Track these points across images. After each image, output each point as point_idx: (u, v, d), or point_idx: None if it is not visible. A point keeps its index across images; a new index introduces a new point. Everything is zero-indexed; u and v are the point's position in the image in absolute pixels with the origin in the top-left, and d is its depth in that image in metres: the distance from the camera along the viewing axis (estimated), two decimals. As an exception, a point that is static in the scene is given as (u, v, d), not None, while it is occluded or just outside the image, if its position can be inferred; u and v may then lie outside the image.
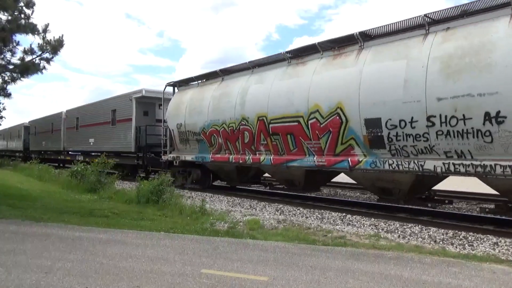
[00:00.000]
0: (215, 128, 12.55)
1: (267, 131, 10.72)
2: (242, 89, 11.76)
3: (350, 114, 8.76)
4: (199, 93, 13.75)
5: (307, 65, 10.22)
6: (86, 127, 22.83)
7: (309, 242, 6.48)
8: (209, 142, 12.96)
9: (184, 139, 14.09)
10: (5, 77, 11.25)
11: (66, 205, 9.93)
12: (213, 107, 12.66)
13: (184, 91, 14.89)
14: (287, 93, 10.23)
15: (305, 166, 10.13)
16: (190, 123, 13.64)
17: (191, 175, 14.47)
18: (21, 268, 4.77)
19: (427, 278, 4.64)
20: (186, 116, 13.77)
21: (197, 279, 4.52)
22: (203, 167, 14.13)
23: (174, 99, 15.08)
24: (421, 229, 7.53)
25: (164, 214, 8.96)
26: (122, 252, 5.64)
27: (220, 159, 12.66)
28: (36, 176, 18.65)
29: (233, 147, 12.10)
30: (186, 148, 14.17)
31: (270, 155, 10.96)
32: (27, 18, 10.37)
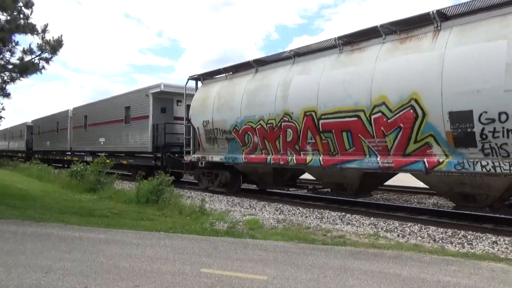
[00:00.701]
0: (250, 126, 11.33)
1: (316, 127, 9.48)
2: (283, 81, 10.50)
3: (428, 107, 7.49)
4: (229, 87, 12.51)
5: (365, 52, 8.96)
6: (96, 126, 21.54)
7: (308, 241, 6.49)
8: (242, 141, 11.78)
9: (211, 138, 12.91)
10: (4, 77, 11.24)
11: (66, 205, 9.93)
12: (247, 102, 11.43)
13: (210, 84, 13.62)
14: (342, 83, 8.94)
15: (364, 168, 8.84)
16: (218, 120, 12.42)
17: (218, 178, 13.19)
18: (21, 268, 4.77)
19: (426, 276, 4.65)
20: (213, 113, 12.57)
21: (197, 278, 4.53)
22: (233, 169, 12.85)
23: (199, 94, 13.82)
24: (420, 228, 7.54)
25: (163, 214, 8.96)
26: (122, 252, 5.65)
27: (255, 160, 11.47)
28: (36, 176, 18.63)
29: (271, 147, 10.91)
30: (213, 148, 12.99)
31: (318, 156, 9.68)
32: (26, 18, 10.36)
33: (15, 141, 39.82)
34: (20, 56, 10.76)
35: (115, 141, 19.30)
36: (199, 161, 13.50)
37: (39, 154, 30.93)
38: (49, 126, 29.25)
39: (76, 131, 24.29)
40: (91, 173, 13.36)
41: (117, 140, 19.16)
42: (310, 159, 9.89)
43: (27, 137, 34.98)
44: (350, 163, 9.04)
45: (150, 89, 16.69)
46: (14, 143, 40.19)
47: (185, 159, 14.24)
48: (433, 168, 7.61)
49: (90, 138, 22.04)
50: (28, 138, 34.84)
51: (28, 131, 34.96)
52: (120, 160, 18.72)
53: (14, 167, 26.59)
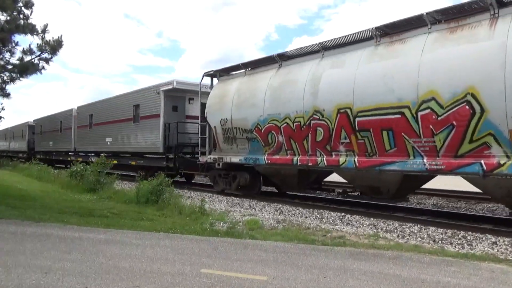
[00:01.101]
0: (274, 124, 10.57)
1: (352, 126, 8.75)
2: (312, 76, 9.74)
3: (488, 102, 6.78)
4: (249, 83, 11.77)
5: (408, 43, 8.25)
6: (102, 125, 20.59)
7: (308, 242, 6.49)
8: (265, 141, 11.00)
9: (229, 138, 12.15)
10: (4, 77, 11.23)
11: (65, 205, 9.93)
12: (270, 99, 10.70)
13: (228, 81, 12.88)
14: (382, 78, 8.25)
15: (408, 170, 8.09)
16: (238, 119, 11.68)
17: (237, 180, 12.38)
18: (21, 268, 4.77)
19: (426, 277, 4.65)
20: (232, 111, 11.83)
21: (197, 278, 4.53)
22: (252, 171, 12.05)
23: (216, 91, 13.02)
24: (420, 229, 7.54)
25: (163, 214, 8.96)
26: (122, 252, 5.64)
27: (279, 161, 10.71)
28: (36, 176, 18.63)
29: (298, 147, 10.14)
30: (231, 148, 12.23)
31: (353, 157, 8.95)
32: (26, 18, 10.35)
33: (16, 141, 38.96)
34: (20, 57, 10.76)
35: (123, 141, 18.52)
36: (215, 162, 12.75)
37: (41, 155, 30.35)
38: (52, 125, 28.47)
39: (81, 131, 23.49)
40: (91, 173, 13.36)
41: (125, 140, 18.37)
42: (343, 160, 9.15)
43: (28, 137, 34.17)
44: (390, 165, 8.29)
45: (162, 86, 15.87)
46: (15, 143, 39.29)
47: (200, 160, 13.57)
48: (492, 170, 6.86)
49: (96, 138, 21.25)
50: (30, 138, 34.02)
51: (30, 131, 34.09)
52: (128, 161, 18.17)
53: (14, 167, 26.56)
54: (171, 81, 15.60)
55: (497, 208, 10.17)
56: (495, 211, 9.94)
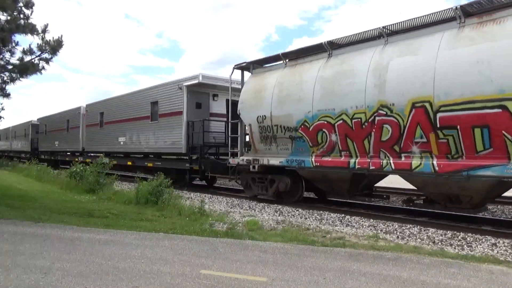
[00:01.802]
0: (326, 121, 9.35)
1: (431, 122, 7.57)
2: (375, 65, 8.56)
3: None
4: (293, 75, 10.53)
5: (504, 23, 7.04)
6: (114, 124, 19.27)
7: (308, 243, 6.49)
8: (313, 141, 9.79)
9: (267, 137, 10.96)
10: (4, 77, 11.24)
11: (65, 205, 9.92)
12: (321, 92, 9.49)
13: (264, 74, 11.67)
14: (475, 65, 7.06)
15: (508, 176, 6.87)
16: (280, 115, 10.50)
17: (274, 185, 11.14)
18: (20, 269, 4.76)
19: (425, 278, 4.65)
20: (272, 107, 10.67)
21: (196, 279, 4.53)
22: (294, 174, 10.80)
23: (250, 85, 11.86)
24: (420, 230, 7.55)
25: (163, 215, 8.96)
26: (121, 253, 5.64)
27: (331, 164, 9.46)
28: (35, 176, 18.62)
29: (357, 147, 8.95)
30: (269, 149, 11.07)
31: (430, 159, 7.73)
32: (26, 18, 10.35)
33: (18, 140, 37.81)
34: (20, 57, 10.76)
35: (138, 141, 17.25)
36: (249, 164, 11.53)
37: (46, 155, 29.40)
38: (57, 124, 27.15)
39: (90, 130, 22.22)
40: (90, 173, 13.35)
41: (140, 140, 17.09)
42: (417, 163, 7.89)
43: (32, 137, 33.10)
44: (483, 170, 7.07)
45: (185, 81, 14.56)
46: (18, 143, 38.11)
47: (230, 162, 12.32)
48: None
49: (107, 138, 20.01)
50: (33, 138, 32.92)
51: (33, 130, 33.02)
52: (143, 163, 17.08)
53: (13, 167, 26.53)
54: (196, 75, 14.32)
55: (496, 210, 10.18)
56: (495, 212, 9.95)
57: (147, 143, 16.58)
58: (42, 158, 29.39)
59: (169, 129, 15.18)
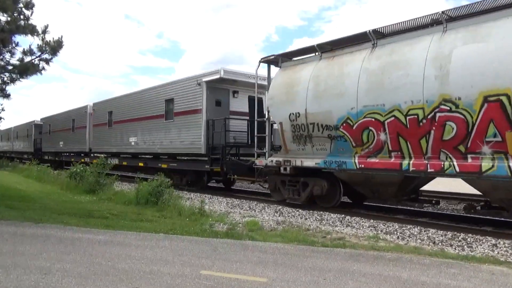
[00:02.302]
0: (374, 118, 8.44)
1: (509, 119, 6.71)
2: (434, 55, 7.68)
3: None
4: (331, 68, 9.55)
5: None
6: (124, 123, 18.34)
7: (308, 243, 6.48)
8: (357, 140, 8.88)
9: (301, 136, 10.03)
10: (4, 78, 11.25)
11: (65, 206, 9.92)
12: (367, 86, 8.57)
13: (295, 67, 10.69)
14: None
15: None
16: (317, 112, 9.54)
17: (308, 188, 10.18)
18: (20, 269, 4.76)
19: (426, 279, 4.65)
20: (308, 103, 9.70)
21: (197, 280, 4.52)
22: (331, 177, 9.94)
23: (279, 80, 10.87)
24: (420, 231, 7.54)
25: (163, 215, 8.95)
26: (121, 253, 5.63)
27: (377, 166, 8.53)
28: (35, 177, 18.62)
29: (411, 147, 8.03)
30: (303, 149, 10.12)
31: (506, 161, 6.82)
32: (26, 19, 10.37)
33: (20, 141, 36.80)
34: (20, 57, 10.78)
35: (151, 141, 16.28)
36: (280, 166, 10.63)
37: (50, 156, 28.59)
38: (62, 124, 26.13)
39: (98, 130, 21.25)
40: (91, 174, 13.35)
41: (154, 140, 16.13)
42: (488, 165, 7.00)
43: (34, 137, 32.25)
44: None
45: (204, 77, 13.56)
46: (19, 143, 37.06)
47: (256, 164, 11.45)
48: None
49: (117, 138, 19.13)
50: (36, 138, 32.09)
51: (36, 130, 32.11)
52: (157, 164, 16.03)
53: (14, 168, 26.53)
54: (218, 70, 13.23)
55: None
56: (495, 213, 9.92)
57: (161, 143, 15.68)
58: (46, 159, 28.88)
59: (186, 128, 14.31)
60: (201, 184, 14.47)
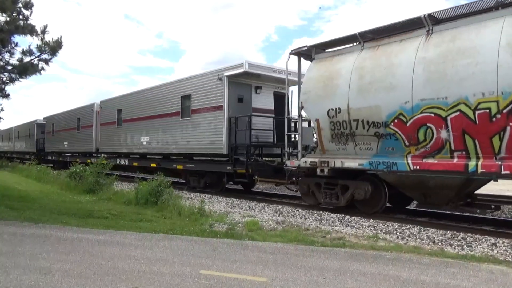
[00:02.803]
0: (434, 113, 7.55)
1: None
2: (510, 39, 6.77)
3: None
4: (377, 58, 8.70)
5: None
6: (135, 122, 17.48)
7: (308, 243, 6.49)
8: (411, 138, 8.00)
9: (342, 135, 9.17)
10: (3, 78, 11.26)
11: (64, 206, 9.92)
12: (425, 76, 7.69)
13: (333, 58, 9.78)
14: None
15: None
16: (362, 108, 8.66)
17: (348, 192, 9.39)
18: (20, 270, 4.76)
19: (425, 278, 4.66)
20: (351, 97, 8.84)
21: (196, 280, 4.53)
22: (375, 179, 9.13)
23: (315, 73, 9.91)
24: (420, 230, 7.55)
25: (163, 215, 8.96)
26: (121, 253, 5.64)
27: (437, 168, 7.64)
28: (35, 177, 18.62)
29: (480, 146, 7.17)
30: (344, 149, 9.26)
31: None
32: (25, 19, 10.38)
33: (22, 141, 35.94)
34: (20, 57, 10.79)
35: (165, 140, 15.43)
36: (315, 167, 9.76)
37: (53, 156, 27.87)
38: (66, 123, 25.23)
39: (105, 129, 20.31)
40: (90, 174, 13.36)
41: (168, 139, 15.24)
42: None
43: (37, 137, 31.49)
44: None
45: (226, 71, 12.69)
46: (21, 143, 36.14)
47: (287, 165, 10.65)
48: None
49: (127, 137, 18.25)
50: (39, 138, 31.31)
51: (39, 130, 31.36)
52: (172, 165, 15.24)
53: (14, 168, 26.51)
54: (241, 63, 12.29)
55: (496, 209, 10.16)
56: (495, 212, 9.94)
57: (176, 143, 14.78)
58: (49, 160, 28.36)
59: (205, 127, 13.42)
60: (221, 186, 13.73)
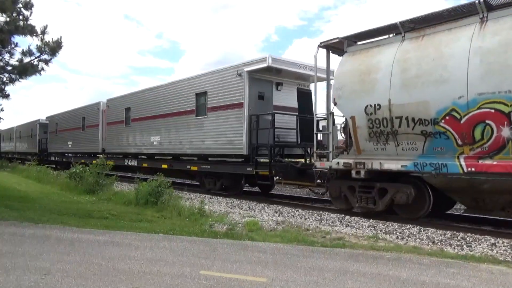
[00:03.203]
0: (494, 109, 6.90)
1: None
2: None
3: None
4: (423, 49, 8.01)
5: None
6: (145, 121, 16.77)
7: (307, 243, 6.49)
8: (465, 137, 7.36)
9: (381, 133, 8.49)
10: (3, 78, 11.26)
11: (64, 206, 9.92)
12: (484, 68, 7.03)
13: (368, 51, 9.11)
14: None
15: None
16: (405, 103, 7.99)
17: (387, 196, 8.66)
18: (20, 270, 4.76)
19: (425, 278, 4.66)
20: (392, 92, 8.18)
21: (196, 280, 4.53)
22: (418, 182, 8.43)
23: (349, 66, 9.26)
24: (420, 230, 7.55)
25: (162, 216, 8.96)
26: (121, 254, 5.64)
27: (496, 170, 6.96)
28: (35, 177, 18.61)
29: None
30: (383, 149, 8.58)
31: None
32: (25, 19, 10.38)
33: (23, 141, 35.06)
34: (20, 58, 10.79)
35: (178, 140, 14.65)
36: (350, 169, 9.07)
37: (57, 157, 27.27)
38: (71, 123, 24.48)
39: (112, 128, 19.61)
40: (90, 174, 13.35)
41: (182, 139, 14.46)
42: None
43: (39, 137, 30.65)
44: None
45: (246, 66, 11.93)
46: (23, 144, 35.24)
47: (316, 166, 9.93)
48: None
49: (135, 137, 17.54)
50: (41, 138, 30.48)
51: (41, 130, 30.48)
52: (185, 166, 14.53)
53: (13, 168, 26.50)
54: (263, 57, 11.54)
55: (496, 209, 10.17)
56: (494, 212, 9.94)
57: (190, 143, 14.04)
58: (52, 160, 27.86)
59: (222, 126, 12.69)
60: (239, 188, 13.07)
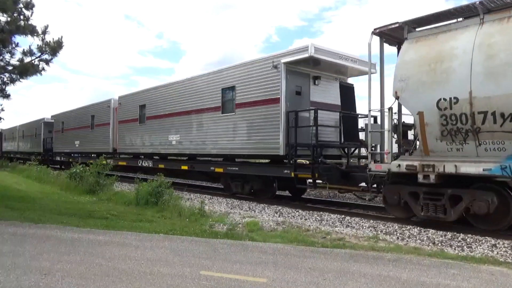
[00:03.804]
0: None
1: None
2: None
3: None
4: (511, 32, 6.96)
5: None
6: (163, 119, 15.57)
7: (308, 244, 6.49)
8: None
9: (458, 131, 7.48)
10: (4, 78, 11.26)
11: (65, 206, 9.92)
12: None
13: (437, 36, 8.01)
14: None
15: None
16: (492, 96, 6.96)
17: (461, 204, 7.60)
18: (20, 270, 4.76)
19: (425, 279, 4.65)
20: (473, 82, 7.15)
21: (196, 280, 4.53)
22: (502, 190, 7.39)
23: (412, 55, 8.22)
24: (420, 231, 7.55)
25: (163, 216, 8.96)
26: (121, 254, 5.64)
27: None
28: (35, 177, 18.61)
29: None
30: (460, 149, 7.57)
31: None
32: (26, 19, 10.39)
33: (27, 141, 34.04)
34: (20, 58, 10.79)
35: (201, 139, 13.50)
36: (415, 172, 8.04)
37: (63, 157, 26.21)
38: (78, 121, 23.48)
39: (125, 127, 18.54)
40: (90, 174, 13.35)
41: (205, 138, 13.33)
42: None
43: (44, 136, 29.64)
44: None
45: (283, 57, 10.71)
46: (26, 143, 34.21)
47: (371, 169, 8.91)
48: None
49: (151, 136, 16.41)
50: (46, 137, 29.41)
51: (46, 129, 29.53)
52: (209, 167, 13.49)
53: (13, 168, 26.48)
54: (305, 46, 10.29)
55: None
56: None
57: (215, 143, 12.87)
58: (57, 160, 27.22)
59: (254, 124, 11.50)
60: (271, 193, 11.96)
